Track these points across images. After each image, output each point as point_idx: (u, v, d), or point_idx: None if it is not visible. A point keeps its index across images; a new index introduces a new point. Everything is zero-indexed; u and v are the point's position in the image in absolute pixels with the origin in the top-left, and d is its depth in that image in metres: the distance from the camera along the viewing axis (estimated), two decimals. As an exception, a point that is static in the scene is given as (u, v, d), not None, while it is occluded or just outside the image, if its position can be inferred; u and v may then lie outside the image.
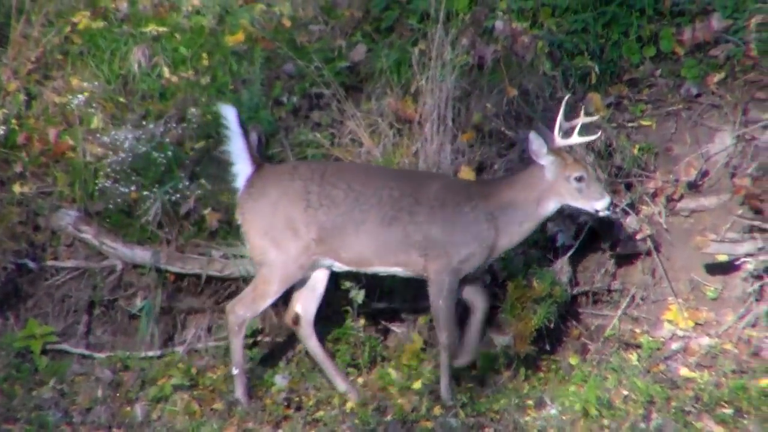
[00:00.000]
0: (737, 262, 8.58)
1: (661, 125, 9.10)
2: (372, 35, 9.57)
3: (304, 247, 7.81)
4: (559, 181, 7.81)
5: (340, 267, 7.97)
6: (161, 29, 9.60)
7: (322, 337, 8.28)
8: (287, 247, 7.81)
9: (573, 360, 8.49)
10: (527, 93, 9.07)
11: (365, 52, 9.37)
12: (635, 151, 8.89)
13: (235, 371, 7.95)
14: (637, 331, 8.69)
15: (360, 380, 8.35)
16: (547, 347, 8.53)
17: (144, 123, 9.08)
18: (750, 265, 8.52)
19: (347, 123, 9.03)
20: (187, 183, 8.79)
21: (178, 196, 8.73)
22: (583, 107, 8.10)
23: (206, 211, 8.70)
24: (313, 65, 9.15)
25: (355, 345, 8.46)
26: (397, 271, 7.93)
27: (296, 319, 8.14)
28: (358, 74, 9.34)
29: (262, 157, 8.46)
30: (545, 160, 7.82)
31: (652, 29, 9.34)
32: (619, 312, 8.75)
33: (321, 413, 7.91)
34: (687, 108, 9.12)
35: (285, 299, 8.13)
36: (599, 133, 8.07)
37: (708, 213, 8.85)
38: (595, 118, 8.12)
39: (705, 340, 8.50)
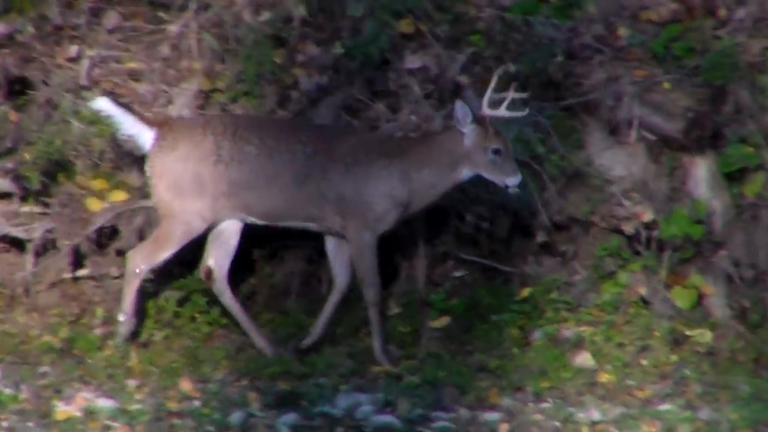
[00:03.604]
0: None
1: None
2: None
3: (210, 202, 7.82)
4: (477, 151, 7.85)
5: (253, 221, 7.95)
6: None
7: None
8: (192, 201, 7.81)
9: None
10: None
11: None
12: None
13: (122, 318, 7.91)
14: None
15: None
16: None
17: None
18: None
19: None
20: None
21: None
22: (513, 83, 8.00)
23: None
24: None
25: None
26: (310, 225, 7.96)
27: (209, 274, 8.06)
28: None
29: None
30: (467, 128, 7.85)
31: None
32: None
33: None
34: None
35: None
36: (526, 110, 8.00)
37: None
38: (524, 94, 7.98)
39: None
